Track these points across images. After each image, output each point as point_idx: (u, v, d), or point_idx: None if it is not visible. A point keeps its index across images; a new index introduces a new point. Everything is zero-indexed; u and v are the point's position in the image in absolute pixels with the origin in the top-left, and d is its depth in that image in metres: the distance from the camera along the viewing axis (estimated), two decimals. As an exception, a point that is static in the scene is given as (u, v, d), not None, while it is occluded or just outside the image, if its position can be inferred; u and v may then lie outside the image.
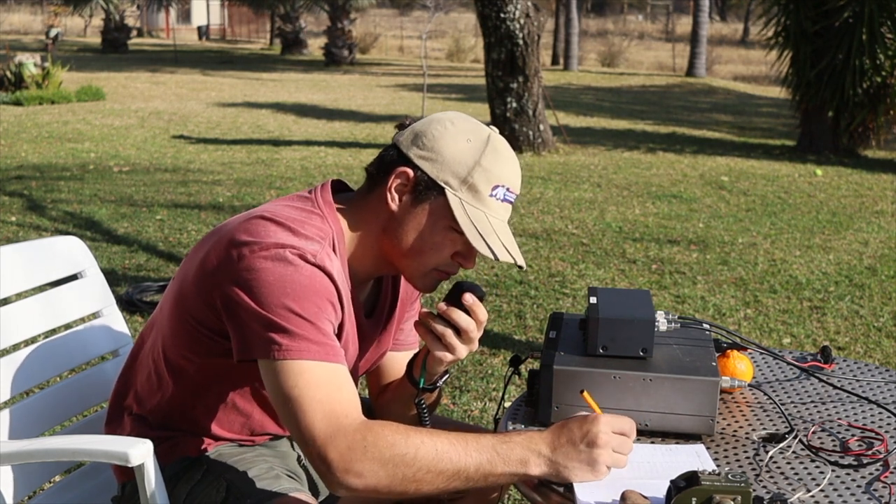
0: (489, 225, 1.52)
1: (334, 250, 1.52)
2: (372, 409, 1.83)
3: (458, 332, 1.55)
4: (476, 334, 1.56)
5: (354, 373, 1.66)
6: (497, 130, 1.59)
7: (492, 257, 1.50)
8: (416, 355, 1.70)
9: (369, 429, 1.36)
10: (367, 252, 1.58)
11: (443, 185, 1.52)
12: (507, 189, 1.55)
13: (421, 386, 1.64)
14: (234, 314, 1.43)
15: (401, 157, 1.55)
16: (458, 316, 1.54)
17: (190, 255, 1.58)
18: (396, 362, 1.81)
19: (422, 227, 1.54)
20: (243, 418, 1.65)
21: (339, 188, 1.65)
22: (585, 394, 1.48)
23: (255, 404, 1.64)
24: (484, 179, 1.52)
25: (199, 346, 1.54)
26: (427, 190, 1.53)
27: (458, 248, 1.55)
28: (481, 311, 1.55)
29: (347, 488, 1.34)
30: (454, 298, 1.55)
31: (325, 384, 1.39)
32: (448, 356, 1.56)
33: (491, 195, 1.53)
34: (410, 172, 1.52)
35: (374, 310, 1.71)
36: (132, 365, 1.71)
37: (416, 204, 1.53)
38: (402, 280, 1.73)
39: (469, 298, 1.54)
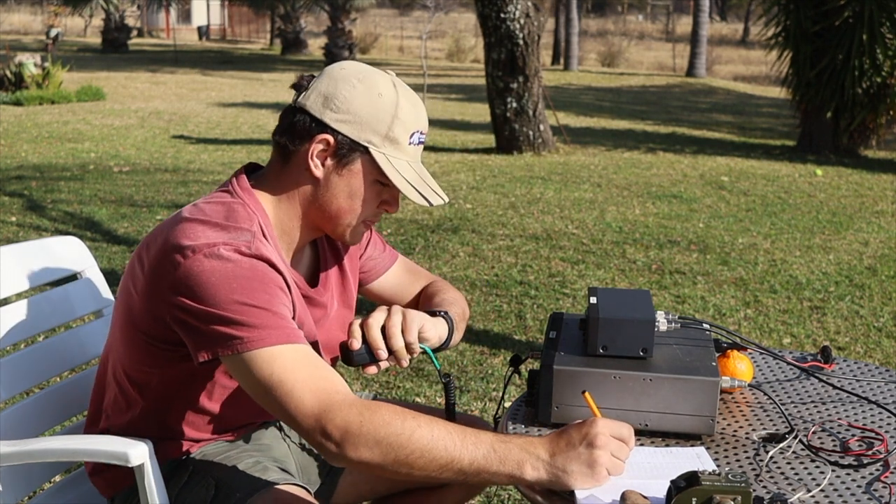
0: (414, 172, 1.57)
1: (264, 235, 1.52)
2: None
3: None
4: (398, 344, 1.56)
5: (332, 342, 1.66)
6: (394, 73, 1.63)
7: (426, 204, 1.55)
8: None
9: (365, 406, 1.36)
10: (295, 223, 1.60)
11: (366, 144, 1.54)
12: (421, 132, 1.60)
13: (438, 368, 1.62)
14: (185, 322, 1.43)
15: (314, 122, 1.54)
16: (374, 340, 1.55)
17: (128, 272, 1.57)
18: (390, 285, 1.87)
19: (350, 187, 1.56)
20: (215, 418, 1.66)
21: (252, 169, 1.65)
22: (587, 395, 1.48)
23: (220, 402, 1.64)
24: (403, 130, 1.56)
25: (155, 358, 1.55)
26: (350, 152, 1.55)
27: (384, 196, 1.60)
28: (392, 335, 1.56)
29: (347, 460, 1.35)
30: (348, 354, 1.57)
31: (301, 365, 1.40)
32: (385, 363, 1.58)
33: (409, 143, 1.57)
34: (330, 138, 1.53)
35: (316, 275, 1.71)
36: (100, 391, 1.70)
37: (342, 166, 1.55)
38: None
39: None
